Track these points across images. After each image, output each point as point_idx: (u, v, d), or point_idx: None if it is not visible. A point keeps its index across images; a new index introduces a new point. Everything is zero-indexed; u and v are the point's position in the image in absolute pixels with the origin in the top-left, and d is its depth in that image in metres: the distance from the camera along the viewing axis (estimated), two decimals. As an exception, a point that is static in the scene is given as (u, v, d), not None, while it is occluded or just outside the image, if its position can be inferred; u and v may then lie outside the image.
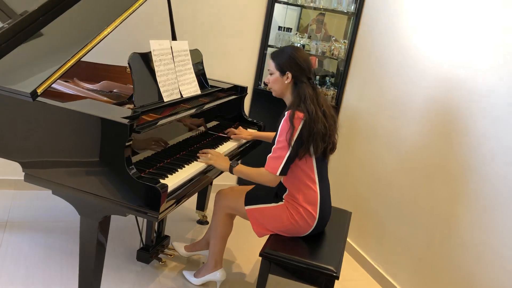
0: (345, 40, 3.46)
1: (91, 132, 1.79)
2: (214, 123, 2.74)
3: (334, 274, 1.97)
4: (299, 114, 2.08)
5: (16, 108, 1.87)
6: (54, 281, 2.33)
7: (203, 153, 2.25)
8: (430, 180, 2.52)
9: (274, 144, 2.14)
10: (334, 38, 3.58)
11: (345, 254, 3.20)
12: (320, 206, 2.20)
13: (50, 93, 2.12)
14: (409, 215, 2.66)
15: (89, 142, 1.81)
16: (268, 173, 2.12)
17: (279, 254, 2.04)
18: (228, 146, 2.57)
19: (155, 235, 2.70)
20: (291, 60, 2.16)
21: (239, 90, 3.00)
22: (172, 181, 1.92)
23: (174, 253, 2.69)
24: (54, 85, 2.38)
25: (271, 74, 2.23)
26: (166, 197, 1.79)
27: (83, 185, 1.83)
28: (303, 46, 3.63)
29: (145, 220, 2.60)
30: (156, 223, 2.69)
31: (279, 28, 3.60)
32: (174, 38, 2.89)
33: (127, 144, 1.74)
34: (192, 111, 2.32)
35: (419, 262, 2.55)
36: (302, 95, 2.12)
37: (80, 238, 1.94)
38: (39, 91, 1.81)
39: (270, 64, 2.24)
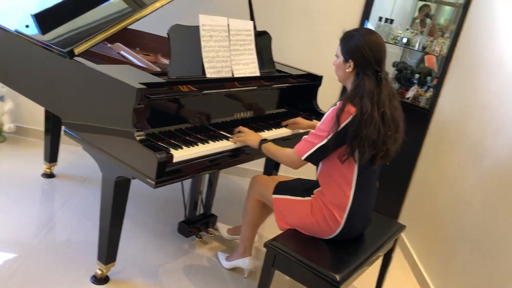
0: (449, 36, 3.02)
1: (108, 92, 1.88)
2: (281, 110, 2.65)
3: (335, 284, 1.74)
4: (350, 108, 1.83)
5: (60, 66, 2.07)
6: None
7: (237, 132, 2.21)
8: (506, 203, 2.06)
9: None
10: (446, 34, 3.16)
11: (411, 276, 2.82)
12: (349, 213, 1.95)
13: (101, 56, 2.30)
14: (477, 241, 2.22)
15: (106, 102, 1.90)
16: (294, 153, 1.97)
17: (284, 248, 1.88)
18: (269, 134, 2.40)
19: (202, 211, 2.74)
20: (356, 49, 1.89)
21: (312, 79, 2.84)
22: (182, 153, 1.90)
23: (214, 233, 2.69)
24: (126, 55, 2.57)
25: (337, 57, 2.02)
26: (167, 167, 1.78)
27: (100, 142, 1.94)
28: (408, 40, 3.28)
29: (190, 194, 2.65)
30: (204, 200, 2.72)
31: (380, 18, 3.31)
32: (252, 18, 2.85)
33: (136, 107, 1.78)
34: (228, 90, 2.27)
35: (478, 300, 2.12)
36: (361, 89, 1.85)
37: (101, 194, 2.06)
38: (77, 51, 1.95)
39: (338, 47, 2.02)
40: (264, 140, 2.14)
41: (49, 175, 3.06)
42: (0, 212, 2.57)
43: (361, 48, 1.88)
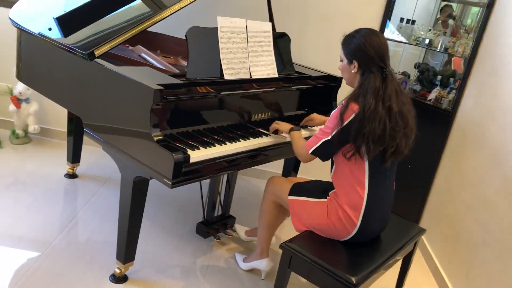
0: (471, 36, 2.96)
1: (126, 92, 1.91)
2: (300, 112, 2.64)
3: (351, 286, 1.72)
4: (353, 106, 1.85)
5: (81, 68, 2.11)
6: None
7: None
8: (529, 208, 2.00)
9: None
10: (470, 35, 3.09)
11: (432, 281, 2.76)
12: (364, 214, 1.93)
13: (122, 58, 2.34)
14: (501, 246, 2.16)
15: (124, 103, 1.93)
16: (304, 146, 2.02)
17: (300, 250, 1.87)
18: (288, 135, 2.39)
19: (220, 212, 2.75)
20: (358, 48, 1.90)
21: (332, 80, 2.82)
22: (199, 154, 1.91)
23: (233, 234, 2.69)
24: (146, 57, 2.60)
25: (341, 61, 2.04)
26: (184, 168, 1.80)
27: (118, 143, 1.97)
28: (430, 41, 3.23)
29: (208, 195, 2.66)
30: (222, 201, 2.73)
31: (401, 19, 3.27)
32: (271, 19, 2.86)
33: (153, 108, 1.80)
34: (244, 91, 2.27)
35: (500, 306, 2.06)
36: (365, 87, 1.86)
37: (120, 193, 2.09)
38: (97, 53, 1.99)
39: (341, 50, 2.05)
40: (295, 127, 2.22)
41: (72, 176, 3.12)
42: (24, 211, 2.63)
43: (362, 46, 1.90)
